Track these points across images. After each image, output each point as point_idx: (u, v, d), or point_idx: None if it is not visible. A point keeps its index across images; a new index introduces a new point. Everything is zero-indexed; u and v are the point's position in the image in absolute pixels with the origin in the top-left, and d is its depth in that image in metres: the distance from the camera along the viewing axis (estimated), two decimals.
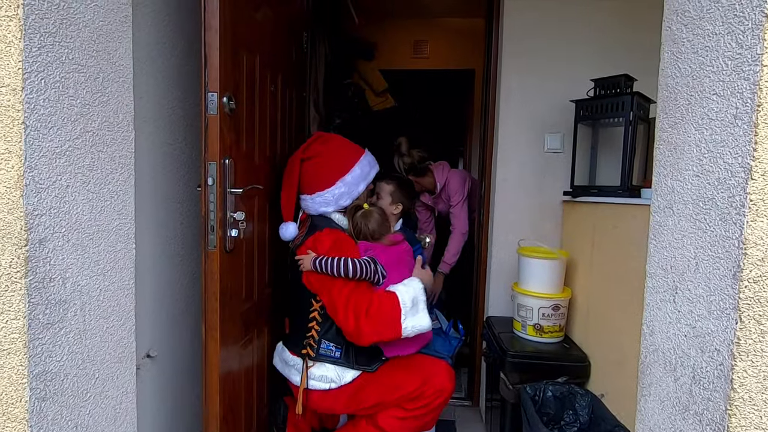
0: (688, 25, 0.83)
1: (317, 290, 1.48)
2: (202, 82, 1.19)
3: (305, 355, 1.48)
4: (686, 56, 0.83)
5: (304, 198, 1.59)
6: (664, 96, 0.91)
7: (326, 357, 1.48)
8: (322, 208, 1.59)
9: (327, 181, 1.57)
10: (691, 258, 0.80)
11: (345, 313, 1.41)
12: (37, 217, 0.81)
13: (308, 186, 1.58)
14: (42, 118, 0.81)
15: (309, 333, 1.49)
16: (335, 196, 1.58)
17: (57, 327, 0.86)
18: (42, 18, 0.80)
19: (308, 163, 1.58)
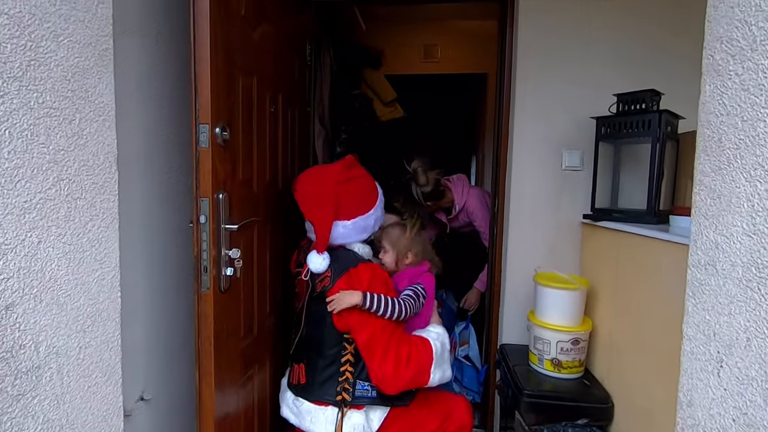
0: (737, 57, 0.71)
1: (355, 329, 1.36)
2: (193, 113, 1.11)
3: (341, 401, 1.38)
4: (734, 93, 0.72)
5: (339, 225, 1.42)
6: (705, 134, 0.79)
7: (363, 398, 1.40)
8: (355, 236, 1.47)
9: (369, 202, 1.48)
10: (740, 330, 0.68)
11: (384, 357, 1.34)
12: (3, 282, 0.73)
13: (349, 209, 1.42)
14: (6, 172, 0.73)
15: (342, 377, 1.40)
16: (374, 219, 1.50)
17: (29, 396, 0.79)
18: (4, 63, 0.72)
19: (349, 185, 1.43)
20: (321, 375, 1.42)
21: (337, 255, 1.43)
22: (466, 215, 2.34)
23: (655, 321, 1.23)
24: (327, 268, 1.40)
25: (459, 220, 2.37)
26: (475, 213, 2.30)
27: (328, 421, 1.39)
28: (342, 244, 1.47)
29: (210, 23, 1.09)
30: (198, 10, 1.09)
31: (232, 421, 1.30)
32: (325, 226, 1.39)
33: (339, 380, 1.41)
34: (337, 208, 1.40)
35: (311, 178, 1.46)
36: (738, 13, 0.72)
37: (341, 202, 1.41)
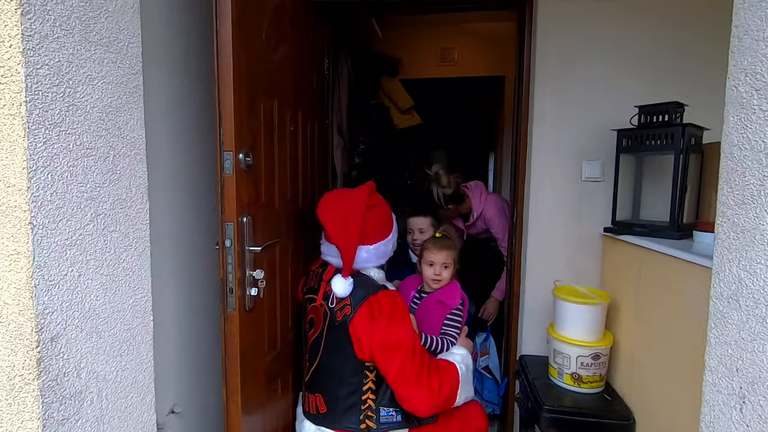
0: (761, 92, 0.71)
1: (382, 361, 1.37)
2: (217, 141, 1.15)
3: (365, 429, 1.41)
4: (758, 128, 0.71)
5: (363, 249, 1.43)
6: (728, 167, 0.78)
7: (388, 424, 1.42)
8: (374, 260, 1.48)
9: (387, 229, 1.51)
10: (764, 369, 0.68)
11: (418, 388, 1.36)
12: (48, 315, 0.79)
13: (372, 234, 1.44)
14: (50, 213, 0.78)
15: (365, 405, 1.42)
16: (390, 246, 1.52)
17: (73, 420, 0.84)
18: (46, 111, 0.77)
19: (374, 211, 1.46)
20: (343, 403, 1.41)
21: (356, 281, 1.41)
22: (483, 222, 2.34)
23: (678, 341, 1.22)
24: (349, 294, 1.39)
25: (476, 226, 2.37)
26: (493, 220, 2.30)
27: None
28: (359, 269, 1.46)
29: (233, 52, 1.12)
30: (221, 40, 1.12)
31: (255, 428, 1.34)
32: (351, 250, 1.38)
33: (362, 408, 1.42)
34: (364, 231, 1.41)
35: (339, 201, 1.45)
36: (763, 47, 0.71)
37: (366, 227, 1.42)
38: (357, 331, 1.38)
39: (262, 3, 1.28)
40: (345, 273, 1.39)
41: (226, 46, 1.12)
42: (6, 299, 0.76)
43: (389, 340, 1.35)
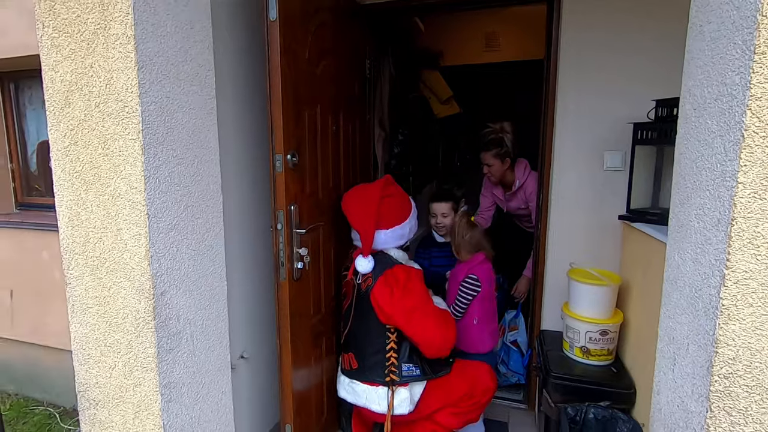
0: (697, 110, 0.85)
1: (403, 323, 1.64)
2: (270, 145, 1.44)
3: (390, 381, 1.70)
4: (692, 143, 0.86)
5: (379, 234, 1.72)
6: (677, 171, 0.93)
7: (409, 377, 1.70)
8: (393, 242, 1.76)
9: (402, 215, 1.77)
10: (684, 336, 0.85)
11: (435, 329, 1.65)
12: (159, 277, 1.13)
13: (388, 220, 1.73)
14: (158, 205, 1.12)
15: (388, 362, 1.70)
16: (409, 228, 1.79)
17: (175, 351, 1.20)
18: (154, 134, 1.09)
19: (388, 200, 1.73)
20: (370, 360, 1.72)
21: (377, 258, 1.71)
22: (524, 195, 2.45)
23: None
24: (371, 270, 1.69)
25: (517, 197, 2.46)
26: (533, 195, 2.42)
27: (380, 397, 1.71)
28: (381, 249, 1.76)
29: (281, 74, 1.40)
30: (271, 65, 1.40)
31: (305, 381, 1.68)
32: (369, 234, 1.68)
33: (386, 365, 1.71)
34: (379, 219, 1.70)
35: (356, 195, 1.78)
36: (699, 74, 0.84)
37: (382, 215, 1.71)
38: (378, 299, 1.67)
39: (305, 29, 1.54)
40: (365, 253, 1.69)
41: (275, 70, 1.40)
42: (133, 265, 1.12)
43: (407, 306, 1.63)
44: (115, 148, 1.08)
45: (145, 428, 1.18)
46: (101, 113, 1.08)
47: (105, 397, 1.22)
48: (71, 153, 1.13)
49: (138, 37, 1.03)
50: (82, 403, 1.25)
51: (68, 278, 1.20)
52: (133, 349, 1.16)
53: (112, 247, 1.13)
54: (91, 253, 1.16)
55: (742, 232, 0.69)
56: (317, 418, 1.80)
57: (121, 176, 1.09)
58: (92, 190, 1.12)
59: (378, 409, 1.70)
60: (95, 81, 1.07)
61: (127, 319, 1.15)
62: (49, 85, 1.12)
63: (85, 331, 1.20)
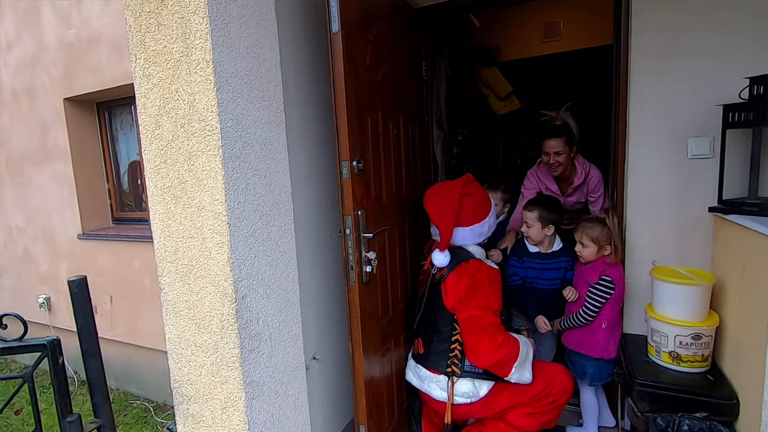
0: None
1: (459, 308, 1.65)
2: (336, 153, 1.49)
3: (450, 373, 1.71)
4: None
5: (459, 230, 1.74)
6: None
7: (471, 373, 1.70)
8: (472, 239, 1.78)
9: (482, 214, 1.78)
10: None
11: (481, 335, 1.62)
12: (240, 282, 1.21)
13: (468, 218, 1.75)
14: (236, 215, 1.20)
15: (452, 354, 1.71)
16: (488, 227, 1.80)
17: (256, 351, 1.27)
18: (231, 148, 1.17)
19: (468, 198, 1.75)
20: (436, 348, 1.74)
21: (454, 253, 1.73)
22: (586, 188, 2.31)
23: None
24: (447, 263, 1.71)
25: (580, 191, 2.33)
26: (599, 186, 2.28)
27: (440, 387, 1.72)
28: (460, 245, 1.77)
29: (345, 83, 1.44)
30: (335, 74, 1.45)
31: (376, 382, 1.70)
32: (448, 230, 1.71)
33: (450, 355, 1.71)
34: (458, 216, 1.72)
35: (437, 192, 1.81)
36: None
37: (462, 213, 1.72)
38: (447, 286, 1.69)
39: (365, 38, 1.57)
40: (442, 248, 1.71)
41: (339, 79, 1.45)
42: (216, 271, 1.20)
43: (467, 295, 1.63)
44: (198, 164, 1.18)
45: (231, 423, 1.26)
46: (186, 133, 1.18)
47: (196, 393, 1.32)
48: (162, 170, 1.24)
49: (215, 61, 1.11)
50: (176, 398, 1.37)
51: (162, 284, 1.32)
52: (219, 350, 1.24)
53: (199, 255, 1.23)
54: (180, 261, 1.26)
55: None
56: (389, 419, 1.82)
57: (204, 189, 1.18)
58: (180, 204, 1.23)
59: (438, 396, 1.71)
60: (180, 104, 1.18)
61: (213, 321, 1.24)
62: (142, 111, 1.24)
63: (178, 332, 1.31)
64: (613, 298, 1.80)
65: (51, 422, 2.63)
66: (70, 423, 0.99)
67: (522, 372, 1.67)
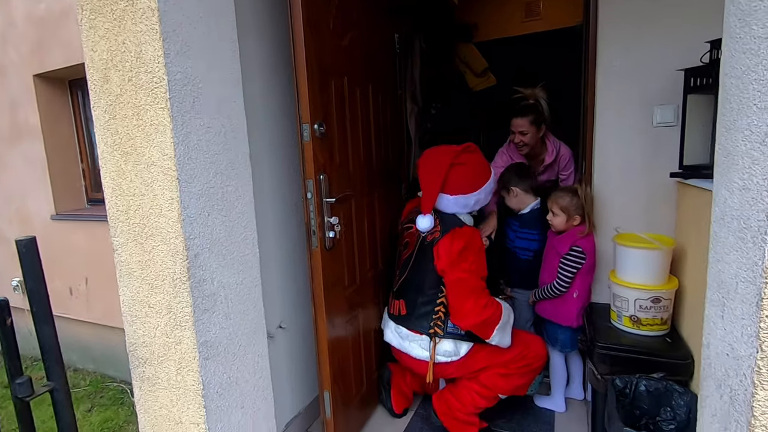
0: (741, 20, 0.75)
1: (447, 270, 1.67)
2: (297, 115, 1.47)
3: (433, 334, 1.73)
4: (738, 57, 0.76)
5: (444, 197, 1.76)
6: (722, 97, 0.83)
7: (453, 335, 1.72)
8: (457, 209, 1.78)
9: (472, 186, 1.78)
10: (733, 276, 0.76)
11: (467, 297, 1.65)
12: (192, 240, 1.19)
13: (453, 187, 1.76)
14: (188, 172, 1.17)
15: (436, 315, 1.73)
16: (475, 201, 1.79)
17: (210, 311, 1.26)
18: (182, 102, 1.15)
19: (458, 168, 1.75)
20: (419, 310, 1.75)
21: (446, 217, 1.76)
22: (557, 166, 2.32)
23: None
24: (433, 226, 1.73)
25: (551, 169, 2.34)
26: (569, 164, 2.29)
27: (422, 346, 1.74)
28: (452, 212, 1.78)
29: (305, 45, 1.42)
30: (295, 36, 1.42)
31: (342, 350, 1.70)
32: (431, 194, 1.73)
33: (433, 317, 1.73)
34: (444, 183, 1.73)
35: (432, 154, 1.80)
36: None
37: (448, 180, 1.73)
38: (440, 249, 1.70)
39: (328, 2, 1.54)
40: (424, 211, 1.73)
41: (299, 40, 1.42)
42: (168, 229, 1.18)
43: (459, 257, 1.65)
44: (147, 118, 1.15)
45: (186, 383, 1.25)
46: (134, 86, 1.15)
47: (151, 355, 1.30)
48: (111, 126, 1.21)
49: (161, 9, 1.08)
50: (132, 361, 1.35)
51: (115, 245, 1.29)
52: (172, 309, 1.23)
53: (150, 212, 1.20)
54: (132, 219, 1.24)
55: None
56: (357, 387, 1.83)
57: (153, 144, 1.16)
58: (130, 160, 1.20)
59: (418, 355, 1.72)
60: (127, 56, 1.14)
61: (166, 281, 1.22)
62: (90, 65, 1.21)
63: (132, 293, 1.29)
64: (585, 268, 1.82)
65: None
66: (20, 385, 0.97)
67: (503, 335, 1.70)
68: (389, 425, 1.93)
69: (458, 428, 1.77)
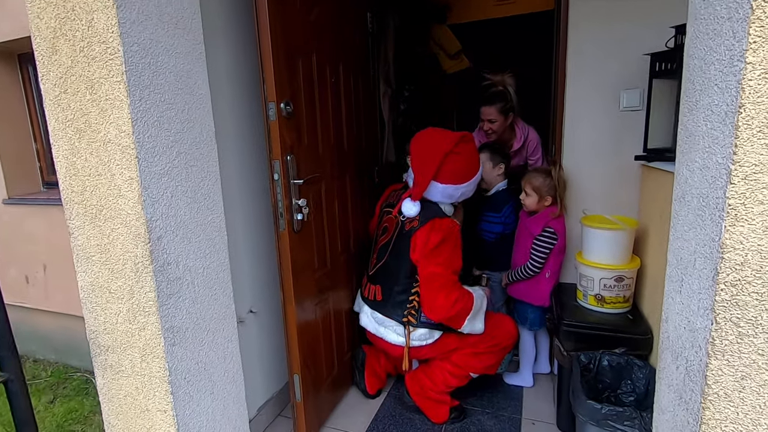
0: (706, 1, 0.76)
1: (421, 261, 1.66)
2: (262, 94, 1.41)
3: (407, 322, 1.72)
4: (701, 37, 0.77)
5: (434, 184, 1.71)
6: (686, 77, 0.85)
7: (426, 324, 1.73)
8: (443, 198, 1.75)
9: (463, 177, 1.74)
10: (692, 252, 0.79)
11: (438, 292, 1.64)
12: (154, 222, 1.14)
13: (446, 176, 1.71)
14: (148, 150, 1.11)
15: (410, 305, 1.73)
16: (461, 192, 1.76)
17: (176, 296, 1.21)
18: (139, 76, 1.08)
19: (454, 157, 1.70)
20: (395, 298, 1.75)
21: (428, 205, 1.72)
22: (525, 152, 2.36)
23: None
24: (417, 214, 1.70)
25: (519, 155, 2.36)
26: (537, 149, 2.33)
27: (397, 332, 1.75)
28: (435, 200, 1.75)
29: (269, 20, 1.36)
30: (259, 11, 1.36)
31: (312, 333, 1.69)
32: (424, 180, 1.68)
33: (407, 306, 1.73)
34: (439, 171, 1.68)
35: (429, 138, 1.74)
36: None
37: (443, 168, 1.68)
38: (417, 240, 1.68)
39: None
40: (414, 197, 1.70)
41: (263, 15, 1.36)
42: (128, 210, 1.13)
43: (435, 251, 1.63)
44: (101, 93, 1.08)
45: (151, 371, 1.21)
46: (86, 57, 1.07)
47: (114, 343, 1.25)
48: (62, 101, 1.13)
49: None
50: (93, 349, 1.30)
51: (71, 228, 1.22)
52: (135, 295, 1.18)
53: (108, 193, 1.14)
54: (89, 201, 1.17)
55: (750, 120, 0.62)
56: (328, 370, 1.82)
57: (109, 121, 1.09)
58: (85, 138, 1.13)
59: (394, 340, 1.73)
60: (78, 25, 1.06)
61: (127, 264, 1.17)
62: (36, 34, 1.12)
63: (91, 279, 1.23)
64: (557, 249, 1.86)
65: None
66: None
67: (474, 323, 1.72)
68: (362, 406, 1.94)
69: (430, 407, 1.80)
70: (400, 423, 1.83)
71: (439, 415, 1.79)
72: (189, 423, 1.26)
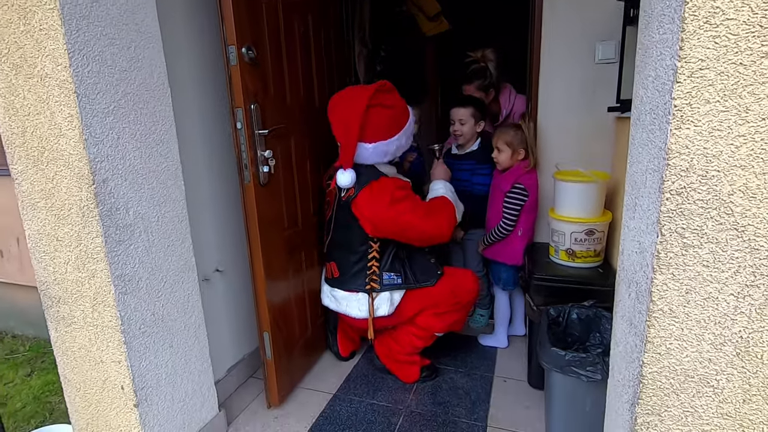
0: None
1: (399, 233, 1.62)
2: (221, 36, 1.35)
3: (370, 289, 1.68)
4: None
5: (362, 146, 1.58)
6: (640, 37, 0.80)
7: (390, 286, 1.69)
8: (376, 158, 1.63)
9: (392, 129, 1.61)
10: (644, 171, 0.76)
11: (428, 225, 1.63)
12: (99, 163, 1.09)
13: (371, 134, 1.56)
14: (89, 86, 1.06)
15: (370, 270, 1.68)
16: (396, 146, 1.64)
17: (127, 243, 1.17)
18: (75, 5, 1.01)
19: (374, 111, 1.55)
20: (352, 269, 1.70)
21: (361, 171, 1.63)
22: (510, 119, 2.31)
23: None
24: (353, 183, 1.60)
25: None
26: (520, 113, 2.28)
27: (360, 303, 1.71)
28: (370, 164, 1.65)
29: None
30: None
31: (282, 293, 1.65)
32: (350, 145, 1.57)
33: (368, 273, 1.69)
34: (363, 130, 1.55)
35: (343, 100, 1.60)
36: None
37: (366, 126, 1.55)
38: (362, 209, 1.61)
39: None
40: (345, 165, 1.60)
41: None
42: (69, 150, 1.07)
43: (398, 219, 1.58)
44: (35, 22, 1.01)
45: (104, 320, 1.18)
46: None
47: (64, 293, 1.21)
48: None
49: None
50: (45, 301, 1.26)
51: (14, 173, 1.17)
52: (82, 241, 1.13)
53: (49, 133, 1.08)
54: (30, 143, 1.11)
55: (697, 10, 0.58)
56: (300, 331, 1.80)
57: (45, 53, 1.03)
58: (21, 74, 1.07)
59: (358, 314, 1.69)
60: None
61: (73, 209, 1.12)
62: None
63: (37, 227, 1.18)
64: (528, 206, 1.83)
65: None
66: None
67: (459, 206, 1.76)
68: (335, 367, 1.93)
69: (400, 369, 1.79)
70: (372, 382, 1.82)
71: (410, 375, 1.78)
72: (146, 375, 1.24)
